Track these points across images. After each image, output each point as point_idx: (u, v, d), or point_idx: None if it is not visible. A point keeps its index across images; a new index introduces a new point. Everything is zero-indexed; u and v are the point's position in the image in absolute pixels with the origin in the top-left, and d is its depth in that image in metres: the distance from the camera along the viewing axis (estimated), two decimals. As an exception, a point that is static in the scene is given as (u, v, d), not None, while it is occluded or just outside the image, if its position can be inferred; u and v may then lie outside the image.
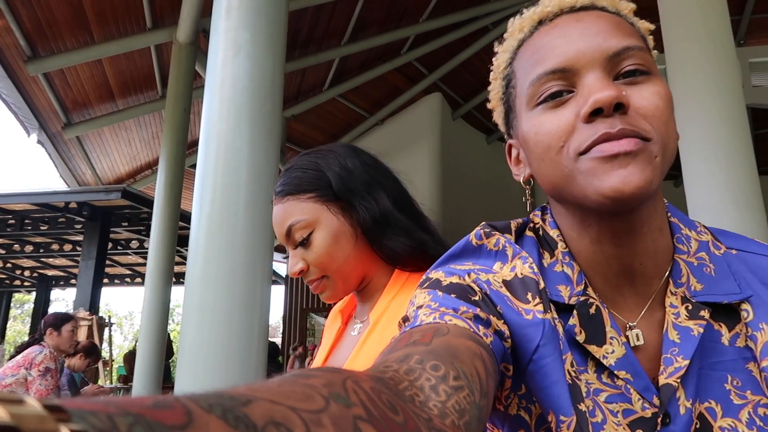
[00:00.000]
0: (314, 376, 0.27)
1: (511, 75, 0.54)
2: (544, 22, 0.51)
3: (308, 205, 0.82)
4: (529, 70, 0.50)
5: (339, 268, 0.81)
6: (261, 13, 2.47)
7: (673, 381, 0.48)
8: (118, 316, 24.10)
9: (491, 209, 7.25)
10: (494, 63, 0.58)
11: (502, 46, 0.57)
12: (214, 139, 2.33)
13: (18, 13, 4.44)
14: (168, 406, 0.18)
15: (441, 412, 0.35)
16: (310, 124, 7.34)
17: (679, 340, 0.49)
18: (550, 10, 0.51)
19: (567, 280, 0.53)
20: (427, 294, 0.51)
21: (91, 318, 6.20)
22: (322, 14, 5.48)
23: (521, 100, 0.52)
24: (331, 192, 0.81)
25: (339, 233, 0.81)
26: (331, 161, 0.83)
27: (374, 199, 0.81)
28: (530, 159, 0.52)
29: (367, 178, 0.82)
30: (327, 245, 0.80)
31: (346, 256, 0.81)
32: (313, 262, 0.81)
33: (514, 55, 0.54)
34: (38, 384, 3.00)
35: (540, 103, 0.49)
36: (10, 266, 10.21)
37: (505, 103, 0.56)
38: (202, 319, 2.12)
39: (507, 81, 0.55)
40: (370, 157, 0.87)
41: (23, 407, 0.14)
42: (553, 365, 0.49)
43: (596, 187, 0.45)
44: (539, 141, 0.49)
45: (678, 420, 0.47)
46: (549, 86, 0.48)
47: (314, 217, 0.81)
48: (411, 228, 0.80)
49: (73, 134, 6.11)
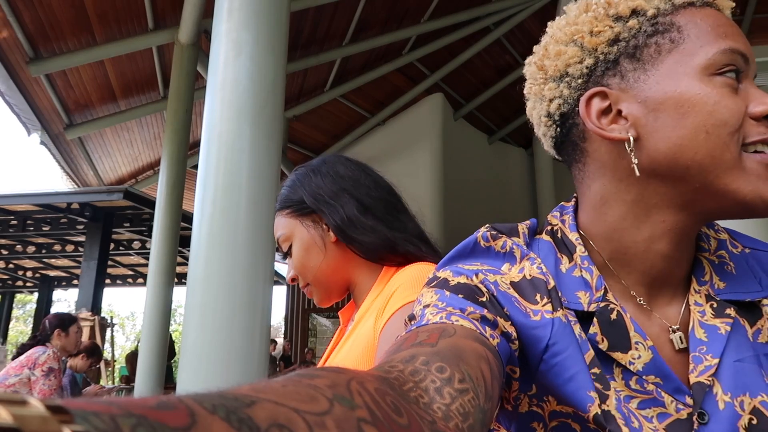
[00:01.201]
0: (319, 376, 0.27)
1: (669, 25, 0.49)
2: (711, 4, 0.49)
3: (286, 220, 0.91)
4: (715, 37, 0.47)
5: (315, 276, 0.89)
6: (262, 14, 2.47)
7: (705, 379, 0.47)
8: (120, 316, 24.15)
9: (492, 209, 7.24)
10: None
11: None
12: (216, 140, 2.33)
13: (20, 15, 4.45)
14: (171, 407, 0.18)
15: (445, 414, 0.34)
16: (312, 125, 7.34)
17: (707, 339, 0.49)
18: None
19: (586, 285, 0.52)
20: (434, 293, 0.51)
21: (93, 318, 6.21)
22: (324, 15, 5.48)
23: (686, 56, 0.48)
24: (305, 206, 0.89)
25: (309, 244, 0.88)
26: (304, 177, 0.91)
27: (340, 206, 0.87)
28: (672, 123, 0.48)
29: (335, 188, 0.89)
30: (300, 256, 0.88)
31: (318, 264, 0.88)
32: (298, 272, 0.90)
33: (676, 9, 0.49)
34: (42, 384, 3.01)
35: (720, 74, 0.47)
36: (13, 267, 10.23)
37: (631, 46, 0.50)
38: (204, 319, 2.12)
39: (655, 27, 0.49)
40: (348, 167, 0.92)
41: (26, 408, 0.14)
42: (566, 362, 0.48)
43: (761, 191, 0.46)
44: (717, 112, 0.46)
45: (717, 416, 0.46)
46: (734, 65, 0.47)
47: (290, 230, 0.90)
48: (377, 228, 0.86)
49: (75, 135, 6.12)
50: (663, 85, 0.48)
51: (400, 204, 0.92)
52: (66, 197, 6.86)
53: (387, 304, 0.76)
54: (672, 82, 0.48)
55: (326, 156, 0.96)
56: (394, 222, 0.88)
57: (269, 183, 2.35)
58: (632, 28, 0.49)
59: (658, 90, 0.48)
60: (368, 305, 0.83)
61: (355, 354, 0.78)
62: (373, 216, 0.87)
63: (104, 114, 6.06)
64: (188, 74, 4.97)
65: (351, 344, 0.81)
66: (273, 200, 2.39)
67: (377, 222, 0.87)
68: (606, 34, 0.50)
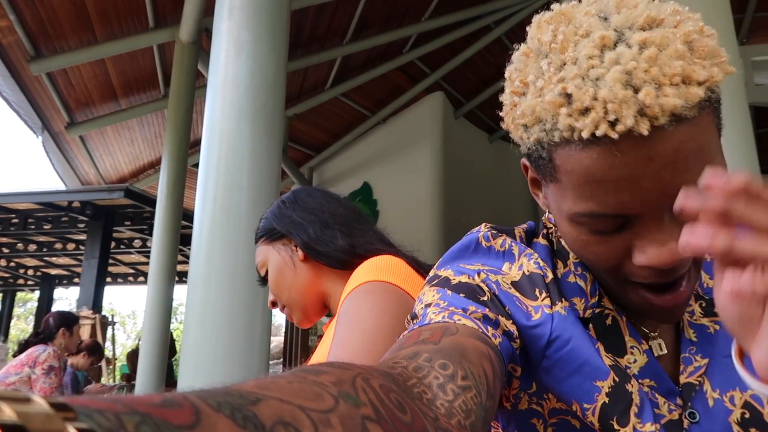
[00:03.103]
0: (324, 373, 0.27)
1: (548, 159, 0.44)
2: (602, 139, 0.39)
3: (261, 248, 0.99)
4: (580, 195, 0.42)
5: (289, 295, 0.94)
6: (263, 12, 2.47)
7: (694, 379, 0.48)
8: (121, 314, 24.14)
9: (493, 208, 7.23)
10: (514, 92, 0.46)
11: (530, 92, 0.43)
12: (217, 138, 2.33)
13: (21, 13, 4.44)
14: (176, 404, 0.18)
15: (448, 411, 0.35)
16: (312, 123, 7.33)
17: (696, 339, 0.49)
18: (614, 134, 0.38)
19: (581, 292, 0.52)
20: (435, 292, 0.51)
21: (94, 317, 6.21)
22: (324, 13, 5.47)
23: (559, 195, 0.45)
24: (275, 231, 0.97)
25: (280, 265, 0.95)
26: (276, 208, 1.00)
27: (306, 225, 0.95)
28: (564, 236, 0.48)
29: (301, 212, 0.97)
30: (274, 277, 0.95)
31: (291, 282, 0.94)
32: (274, 295, 0.96)
33: (554, 145, 0.42)
34: (42, 382, 3.01)
35: (584, 226, 0.44)
36: (14, 265, 10.22)
37: (531, 154, 0.47)
38: (205, 317, 2.12)
39: (538, 152, 0.45)
40: (313, 196, 1.01)
41: (30, 406, 0.14)
42: (573, 353, 0.49)
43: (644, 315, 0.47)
44: (585, 254, 0.46)
45: (708, 414, 0.47)
46: (600, 223, 0.43)
47: (264, 256, 0.97)
48: (337, 238, 0.93)
49: (76, 134, 6.11)
50: (550, 203, 0.48)
51: (361, 217, 1.00)
52: (67, 195, 6.85)
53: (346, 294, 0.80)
54: (552, 207, 0.48)
55: (296, 189, 1.05)
56: (354, 231, 0.95)
57: (270, 181, 2.35)
58: (524, 138, 0.46)
59: (550, 205, 0.48)
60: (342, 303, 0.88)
61: (325, 349, 0.82)
62: (335, 229, 0.94)
63: (105, 112, 6.06)
64: (189, 73, 4.96)
65: (321, 346, 0.86)
66: (274, 198, 2.39)
67: (338, 233, 0.94)
68: (514, 130, 0.47)
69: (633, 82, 0.37)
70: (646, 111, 0.37)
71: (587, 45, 0.40)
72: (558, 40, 0.42)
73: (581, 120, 0.39)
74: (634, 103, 0.37)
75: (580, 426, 0.50)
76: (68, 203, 6.85)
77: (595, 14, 0.41)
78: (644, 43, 0.38)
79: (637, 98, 0.37)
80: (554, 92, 0.40)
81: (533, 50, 0.45)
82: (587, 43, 0.40)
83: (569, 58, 0.40)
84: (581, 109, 0.39)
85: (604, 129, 0.38)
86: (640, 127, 0.37)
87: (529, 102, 0.42)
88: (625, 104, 0.37)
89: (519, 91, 0.45)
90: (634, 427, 0.47)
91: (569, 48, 0.41)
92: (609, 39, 0.39)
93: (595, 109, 0.38)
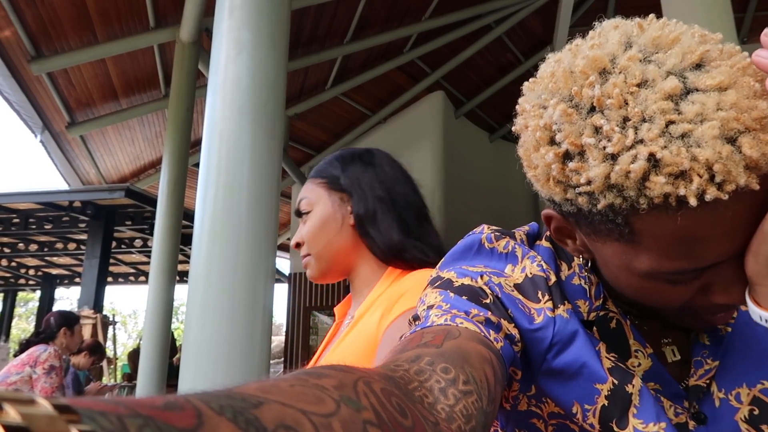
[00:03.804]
0: (326, 376, 0.27)
1: (621, 223, 0.40)
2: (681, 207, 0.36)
3: (316, 188, 0.92)
4: (669, 255, 0.39)
5: (320, 251, 0.89)
6: (263, 12, 2.47)
7: (702, 382, 0.48)
8: (122, 314, 24.16)
9: (494, 207, 7.23)
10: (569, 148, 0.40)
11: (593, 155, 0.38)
12: (217, 138, 2.33)
13: (22, 13, 4.44)
14: (178, 407, 0.18)
15: (448, 415, 0.35)
16: (313, 123, 7.33)
17: (709, 342, 0.49)
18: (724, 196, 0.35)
19: (585, 294, 0.52)
20: (438, 294, 0.51)
21: (95, 316, 6.21)
22: (325, 13, 5.47)
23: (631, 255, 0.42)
24: (339, 183, 0.91)
25: (327, 218, 0.89)
26: (348, 159, 0.93)
27: (369, 197, 0.89)
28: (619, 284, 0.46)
29: (372, 180, 0.90)
30: (314, 226, 0.89)
31: (328, 240, 0.89)
32: (303, 239, 0.91)
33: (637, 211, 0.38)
34: (43, 382, 3.01)
35: (661, 279, 0.42)
36: (15, 265, 10.23)
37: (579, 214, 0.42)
38: (206, 317, 2.12)
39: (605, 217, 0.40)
40: (392, 167, 0.94)
41: (34, 407, 0.14)
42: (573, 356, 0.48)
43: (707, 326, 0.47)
44: (640, 297, 0.45)
45: (715, 415, 0.47)
46: (683, 277, 0.41)
47: (316, 197, 0.91)
48: (392, 230, 0.87)
49: (77, 133, 6.11)
50: (608, 259, 0.45)
51: (426, 216, 0.94)
52: (68, 195, 6.86)
53: (395, 304, 0.76)
54: (614, 263, 0.44)
55: (373, 149, 0.97)
56: (412, 231, 0.89)
57: (270, 181, 2.35)
58: (582, 205, 0.41)
59: (604, 259, 0.46)
60: (371, 301, 0.84)
61: (357, 349, 0.78)
62: (394, 220, 0.88)
63: (106, 112, 6.06)
64: (189, 72, 4.96)
65: (352, 339, 0.81)
66: (275, 198, 2.39)
67: (396, 226, 0.87)
68: (557, 193, 0.43)
69: (727, 134, 0.34)
70: (751, 164, 0.34)
71: (652, 96, 0.35)
72: (611, 93, 0.37)
73: (681, 186, 0.35)
74: (740, 159, 0.34)
75: (579, 430, 0.50)
76: (69, 203, 6.85)
77: (639, 58, 0.37)
78: (720, 87, 0.35)
79: (742, 153, 0.34)
80: (638, 158, 0.35)
81: (575, 106, 0.39)
82: (651, 95, 0.36)
83: (634, 114, 0.36)
84: (677, 173, 0.35)
85: (714, 193, 0.34)
86: (750, 184, 0.34)
87: (598, 170, 0.37)
88: (732, 162, 0.34)
89: (567, 152, 0.40)
90: (635, 428, 0.47)
91: (630, 101, 0.36)
92: (677, 87, 0.35)
93: (696, 171, 0.34)
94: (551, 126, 0.40)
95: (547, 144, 0.41)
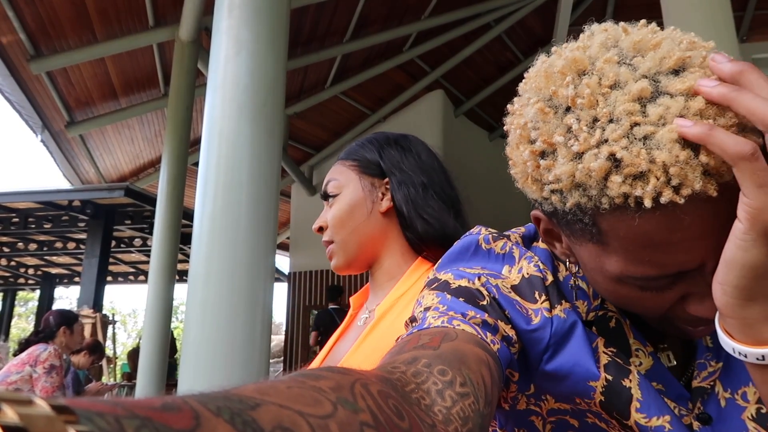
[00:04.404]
0: (323, 378, 0.27)
1: (589, 222, 0.40)
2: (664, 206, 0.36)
3: (347, 170, 0.87)
4: (634, 260, 0.39)
5: (346, 236, 0.84)
6: (263, 11, 2.46)
7: (707, 384, 0.47)
8: (121, 313, 24.16)
9: (493, 206, 7.23)
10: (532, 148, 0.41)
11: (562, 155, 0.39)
12: (217, 137, 2.33)
13: (21, 12, 4.44)
14: (176, 408, 0.18)
15: (445, 418, 0.34)
16: (313, 122, 7.33)
17: (712, 344, 0.49)
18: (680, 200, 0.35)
19: (583, 294, 0.52)
20: (435, 296, 0.50)
21: (95, 315, 6.22)
22: (324, 12, 5.46)
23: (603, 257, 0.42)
24: (373, 168, 0.86)
25: (356, 203, 0.84)
26: (384, 142, 0.89)
27: (410, 181, 0.84)
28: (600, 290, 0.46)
29: (412, 164, 0.86)
30: (342, 210, 0.84)
31: (356, 226, 0.84)
32: (328, 223, 0.86)
33: (601, 211, 0.38)
34: (44, 381, 3.01)
35: (634, 285, 0.42)
36: (15, 264, 10.23)
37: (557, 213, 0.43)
38: (205, 316, 2.12)
39: (575, 216, 0.41)
40: (429, 155, 0.90)
41: (32, 408, 0.14)
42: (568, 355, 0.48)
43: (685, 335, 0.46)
44: (620, 305, 0.45)
45: (721, 416, 0.46)
46: (651, 284, 0.41)
47: (345, 180, 0.86)
48: (444, 213, 0.83)
49: (77, 133, 6.11)
50: (585, 261, 0.45)
51: (462, 212, 0.89)
52: (67, 195, 6.86)
53: None
54: (589, 265, 0.45)
55: (410, 135, 0.93)
56: (452, 221, 0.85)
57: (270, 180, 2.35)
58: (551, 201, 0.42)
59: (582, 261, 0.46)
60: (395, 298, 0.80)
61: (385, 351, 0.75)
62: (444, 204, 0.85)
63: (105, 111, 6.06)
64: (189, 72, 4.96)
65: (378, 339, 0.77)
66: (274, 197, 2.39)
67: (446, 210, 0.84)
68: (535, 192, 0.44)
69: (690, 142, 0.34)
70: (711, 170, 0.34)
71: (621, 98, 0.36)
72: (583, 93, 0.37)
73: (638, 187, 0.35)
74: (697, 164, 0.34)
75: (578, 425, 0.50)
76: (68, 202, 6.86)
77: (616, 60, 0.38)
78: (688, 92, 0.35)
79: (699, 159, 0.34)
80: (599, 157, 0.36)
81: (552, 105, 0.40)
82: (620, 96, 0.36)
83: (602, 114, 0.36)
84: (635, 174, 0.35)
85: (669, 195, 0.34)
86: (708, 189, 0.34)
87: (564, 168, 0.38)
88: (689, 167, 0.34)
89: (541, 150, 0.41)
90: (637, 422, 0.47)
91: (600, 102, 0.37)
92: (646, 90, 0.35)
93: (654, 174, 0.34)
94: (528, 124, 0.42)
95: (525, 142, 0.42)
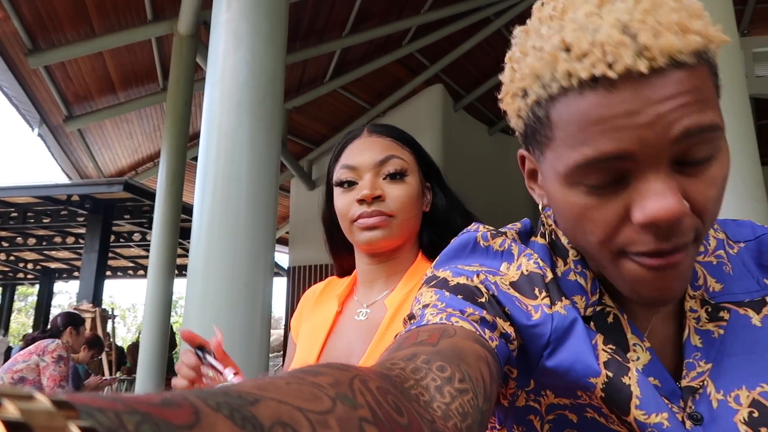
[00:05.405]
0: (322, 374, 0.27)
1: (545, 119, 0.43)
2: (600, 81, 0.39)
3: (408, 155, 0.89)
4: (574, 143, 0.41)
5: (406, 220, 0.86)
6: (262, 4, 2.46)
7: (696, 384, 0.48)
8: (121, 308, 24.21)
9: (493, 201, 7.23)
10: (514, 63, 0.46)
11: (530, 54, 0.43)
12: (216, 132, 2.32)
13: (19, 6, 4.42)
14: (176, 404, 0.18)
15: (444, 413, 0.35)
16: (312, 116, 7.32)
17: (701, 344, 0.49)
18: (612, 74, 0.38)
19: (581, 290, 0.52)
20: (433, 293, 0.51)
21: (94, 310, 6.23)
22: (323, 5, 5.45)
23: (555, 159, 0.43)
24: (423, 166, 0.91)
25: (417, 196, 0.88)
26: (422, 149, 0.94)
27: (447, 195, 0.92)
28: (557, 214, 0.48)
29: (444, 178, 0.94)
30: (410, 195, 0.86)
31: (414, 215, 0.88)
32: (395, 200, 0.85)
33: (551, 99, 0.42)
34: (52, 370, 3.05)
35: (580, 185, 0.43)
36: (14, 259, 10.24)
37: (527, 128, 0.46)
38: (205, 310, 2.13)
39: (535, 116, 0.44)
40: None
41: (32, 403, 0.14)
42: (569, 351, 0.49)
43: (638, 292, 0.45)
44: (575, 225, 0.45)
45: (713, 416, 0.47)
46: (596, 175, 0.41)
47: (411, 166, 0.88)
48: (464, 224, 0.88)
49: (75, 127, 6.10)
50: (545, 178, 0.47)
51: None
52: (66, 189, 6.85)
53: None
54: (548, 179, 0.46)
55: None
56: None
57: (269, 174, 2.35)
58: (521, 109, 0.45)
59: (548, 189, 0.47)
60: (405, 295, 0.83)
61: None
62: (461, 221, 0.90)
63: (104, 106, 6.05)
64: (187, 66, 4.95)
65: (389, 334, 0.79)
66: (273, 192, 2.39)
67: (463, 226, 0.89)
68: (511, 105, 0.47)
69: (630, 30, 0.38)
70: (645, 53, 0.38)
71: (586, 5, 0.41)
72: (558, 9, 0.43)
73: (579, 64, 0.39)
74: (631, 44, 0.38)
75: (577, 420, 0.50)
76: (67, 197, 6.85)
77: None
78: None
79: (635, 41, 0.38)
80: (553, 43, 0.41)
81: (533, 27, 0.46)
82: (584, 5, 0.41)
83: (569, 19, 0.41)
84: (579, 55, 0.39)
85: (602, 69, 0.38)
86: (638, 66, 0.38)
87: (528, 62, 0.43)
88: (623, 46, 0.38)
89: (517, 58, 0.45)
90: (636, 419, 0.47)
91: (569, 11, 0.42)
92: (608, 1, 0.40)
93: (593, 52, 0.39)
94: (514, 51, 0.46)
95: (510, 70, 0.47)
